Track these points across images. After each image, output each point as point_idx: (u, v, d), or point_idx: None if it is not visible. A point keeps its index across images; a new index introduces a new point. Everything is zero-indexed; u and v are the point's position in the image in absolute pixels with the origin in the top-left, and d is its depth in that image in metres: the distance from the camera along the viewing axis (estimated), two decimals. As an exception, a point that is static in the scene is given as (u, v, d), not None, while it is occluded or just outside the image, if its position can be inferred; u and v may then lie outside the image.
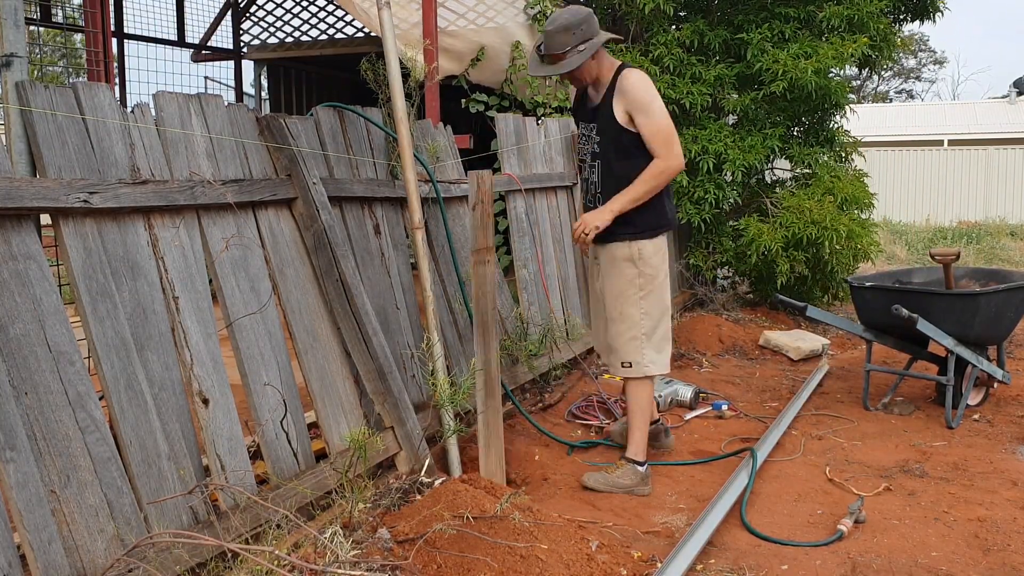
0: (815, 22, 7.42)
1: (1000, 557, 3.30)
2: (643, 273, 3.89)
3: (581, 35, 3.64)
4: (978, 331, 4.93)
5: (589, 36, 3.67)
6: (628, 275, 3.90)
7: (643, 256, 3.88)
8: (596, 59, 3.78)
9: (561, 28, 3.65)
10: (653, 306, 3.95)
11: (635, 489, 3.91)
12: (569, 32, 3.63)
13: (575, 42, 3.64)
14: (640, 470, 3.95)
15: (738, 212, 7.94)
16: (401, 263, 4.39)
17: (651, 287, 3.93)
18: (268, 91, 12.28)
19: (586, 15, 3.70)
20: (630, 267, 3.88)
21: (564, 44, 3.65)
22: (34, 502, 2.43)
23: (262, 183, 3.44)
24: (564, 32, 3.64)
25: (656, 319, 3.97)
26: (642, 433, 4.01)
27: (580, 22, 3.66)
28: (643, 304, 3.93)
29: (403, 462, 3.78)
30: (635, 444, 4.00)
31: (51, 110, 2.71)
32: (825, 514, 3.71)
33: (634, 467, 3.95)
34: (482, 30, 7.54)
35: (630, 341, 3.95)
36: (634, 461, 3.96)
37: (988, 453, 4.48)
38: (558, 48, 3.67)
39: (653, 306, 3.95)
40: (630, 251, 3.87)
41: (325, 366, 3.63)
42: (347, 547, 2.79)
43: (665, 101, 7.16)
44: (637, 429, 4.01)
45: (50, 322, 2.58)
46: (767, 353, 6.87)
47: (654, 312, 3.95)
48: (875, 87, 35.99)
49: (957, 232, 16.50)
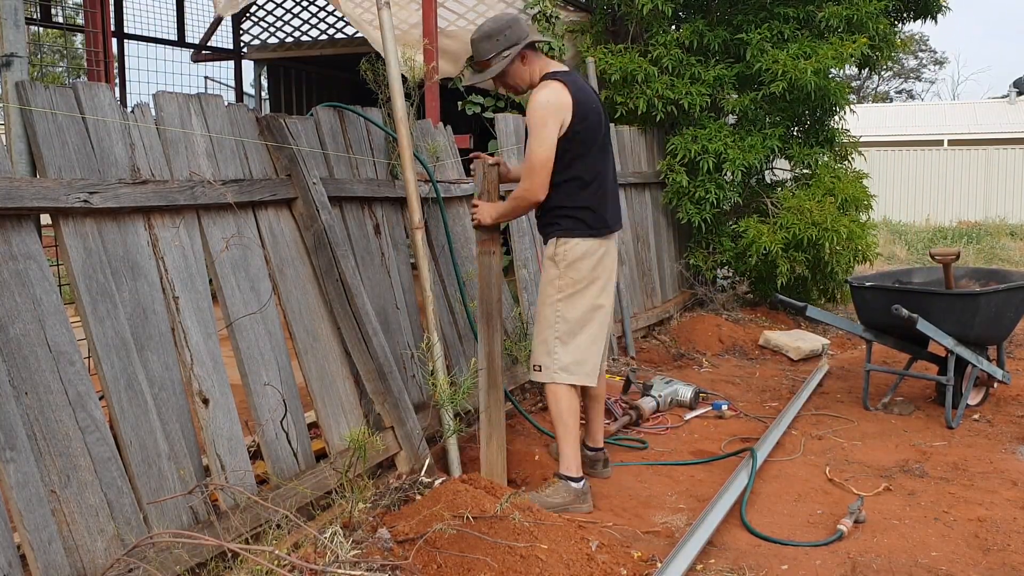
0: (814, 22, 7.43)
1: (1000, 557, 3.30)
2: (564, 275, 3.71)
3: (504, 41, 3.64)
4: (978, 331, 4.93)
5: (513, 42, 3.64)
6: (550, 274, 3.75)
7: (566, 258, 3.70)
8: (526, 63, 3.71)
9: (484, 36, 3.68)
10: (573, 311, 3.72)
11: (570, 507, 3.67)
12: (492, 39, 3.65)
13: (499, 48, 3.65)
14: (575, 486, 3.71)
15: (738, 212, 7.95)
16: (401, 263, 4.39)
17: (572, 290, 3.71)
18: (268, 91, 12.29)
19: (509, 20, 3.69)
20: (552, 267, 3.74)
21: (488, 51, 3.67)
22: (34, 502, 2.43)
23: (262, 183, 3.45)
24: (487, 40, 3.67)
25: (574, 325, 3.72)
26: (571, 446, 3.75)
27: (503, 28, 3.65)
28: (560, 307, 3.72)
29: (403, 462, 3.78)
30: (564, 459, 3.77)
31: (51, 110, 2.71)
32: (825, 514, 3.71)
33: (567, 484, 3.72)
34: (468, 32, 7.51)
35: (541, 344, 3.76)
36: (567, 477, 3.73)
37: (988, 453, 4.48)
38: (483, 55, 3.70)
39: (573, 311, 3.72)
40: (554, 250, 3.73)
41: (325, 366, 3.63)
42: (347, 547, 2.79)
43: (664, 101, 7.27)
44: (563, 442, 3.76)
45: (50, 322, 2.58)
46: (767, 353, 6.88)
47: (572, 317, 3.72)
48: (875, 87, 36.00)
49: (957, 232, 16.51)
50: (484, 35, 3.68)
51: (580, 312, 3.73)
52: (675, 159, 7.51)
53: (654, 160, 7.76)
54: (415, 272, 4.54)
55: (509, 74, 3.71)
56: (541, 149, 3.56)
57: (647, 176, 7.50)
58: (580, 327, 3.73)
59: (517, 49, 3.65)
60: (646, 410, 5.02)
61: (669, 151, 7.61)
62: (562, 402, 3.74)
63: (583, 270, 3.70)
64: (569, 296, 3.71)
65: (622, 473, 4.19)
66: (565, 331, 3.72)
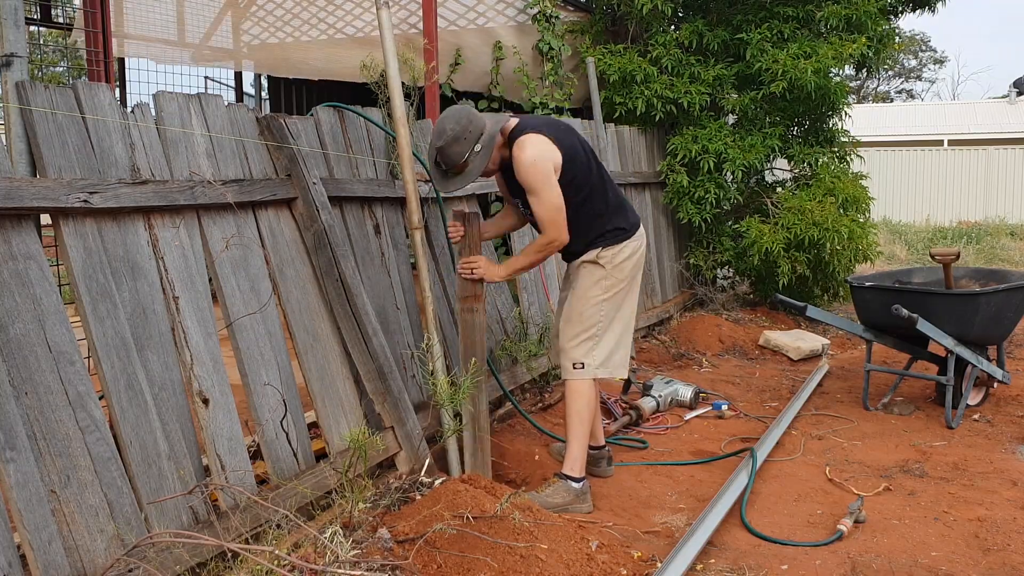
0: (814, 22, 7.43)
1: (1000, 557, 3.30)
2: (610, 275, 3.78)
3: (473, 137, 3.52)
4: (978, 331, 4.93)
5: (479, 132, 3.54)
6: (595, 275, 3.80)
7: (613, 260, 3.78)
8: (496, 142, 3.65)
9: (451, 140, 3.52)
10: (616, 309, 3.81)
11: (570, 507, 3.66)
12: (460, 140, 3.52)
13: (470, 146, 3.53)
14: (575, 487, 3.71)
15: (738, 212, 7.95)
16: (401, 263, 4.39)
17: (618, 289, 3.80)
18: (268, 91, 12.28)
19: (467, 115, 3.55)
20: (597, 268, 3.80)
21: (461, 154, 3.54)
22: (34, 502, 2.43)
23: (262, 183, 3.45)
24: (456, 143, 3.52)
25: (615, 322, 3.81)
26: (582, 446, 3.77)
27: (466, 125, 3.52)
28: (605, 306, 3.79)
29: (403, 462, 3.78)
30: (570, 458, 3.76)
31: (51, 110, 2.71)
32: (825, 514, 3.71)
33: (567, 484, 3.71)
34: (462, 32, 7.50)
35: (584, 342, 3.79)
36: (568, 477, 3.73)
37: (988, 453, 4.48)
38: (458, 159, 3.56)
39: (616, 309, 3.81)
40: (598, 253, 3.80)
41: (325, 366, 3.63)
42: (347, 547, 2.79)
43: (663, 101, 7.27)
44: (575, 441, 3.77)
45: (50, 322, 2.58)
46: (767, 353, 6.88)
47: (615, 315, 3.81)
48: (875, 87, 36.01)
49: (957, 232, 16.50)
50: (451, 139, 3.52)
51: (622, 310, 3.86)
52: (675, 159, 7.51)
53: (654, 160, 7.76)
54: (415, 272, 4.55)
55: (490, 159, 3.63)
56: (552, 196, 3.59)
57: (647, 176, 7.50)
58: (620, 323, 3.85)
59: (491, 135, 3.55)
60: (646, 410, 5.02)
61: (669, 151, 7.61)
62: (586, 397, 3.81)
63: (627, 269, 3.83)
64: (614, 295, 3.82)
65: (622, 473, 4.19)
66: (607, 329, 3.81)
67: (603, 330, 3.81)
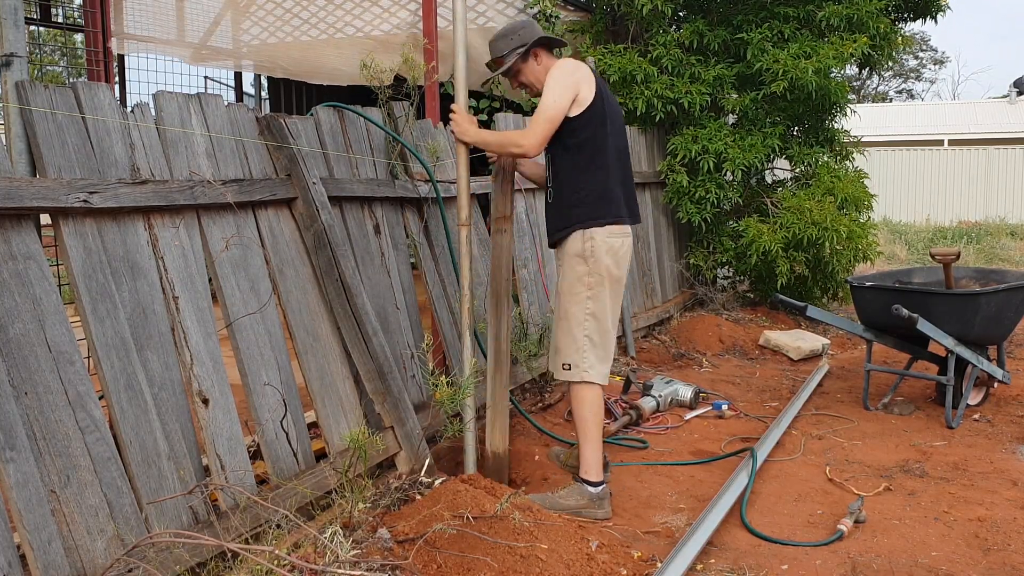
0: (814, 22, 7.42)
1: (1000, 557, 3.30)
2: (593, 272, 3.66)
3: (519, 39, 3.78)
4: (978, 331, 4.93)
5: (527, 41, 3.78)
6: (578, 271, 3.69)
7: (594, 253, 3.65)
8: (540, 62, 3.79)
9: (500, 35, 3.82)
10: (600, 309, 3.69)
11: (583, 511, 3.61)
12: (506, 38, 3.80)
13: (513, 46, 3.77)
14: (592, 491, 3.65)
15: (738, 212, 7.95)
16: (401, 263, 4.39)
17: (601, 287, 3.67)
18: (268, 91, 12.27)
19: (525, 22, 3.84)
20: (580, 264, 3.68)
21: (503, 49, 3.80)
22: (34, 502, 2.43)
23: (262, 183, 3.44)
24: (502, 39, 3.81)
25: (601, 324, 3.70)
26: (594, 450, 3.69)
27: (517, 28, 3.81)
28: (589, 304, 3.68)
29: (403, 462, 3.78)
30: (585, 462, 3.69)
31: (51, 110, 2.70)
32: (825, 514, 3.70)
33: (583, 487, 3.66)
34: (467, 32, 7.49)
35: (572, 342, 3.70)
36: (585, 481, 3.67)
37: (988, 453, 4.48)
38: (498, 53, 3.82)
39: (600, 309, 3.69)
40: (582, 245, 3.67)
41: (325, 366, 3.63)
42: (347, 547, 2.79)
43: (663, 101, 7.26)
44: (587, 444, 3.69)
45: (50, 322, 2.58)
46: (767, 353, 6.88)
47: (600, 315, 3.69)
48: (875, 87, 36.00)
49: (957, 232, 16.51)
50: (500, 34, 3.82)
51: (606, 313, 3.71)
52: (675, 159, 7.51)
53: (654, 160, 7.76)
54: (415, 272, 4.54)
55: (523, 71, 3.80)
56: (553, 102, 3.58)
57: (647, 176, 7.50)
58: (605, 328, 3.71)
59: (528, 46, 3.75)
60: (646, 410, 5.02)
61: (669, 151, 7.61)
62: (587, 402, 3.70)
63: (605, 265, 3.66)
64: (597, 295, 3.68)
65: (622, 473, 4.19)
66: (593, 330, 3.69)
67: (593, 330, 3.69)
